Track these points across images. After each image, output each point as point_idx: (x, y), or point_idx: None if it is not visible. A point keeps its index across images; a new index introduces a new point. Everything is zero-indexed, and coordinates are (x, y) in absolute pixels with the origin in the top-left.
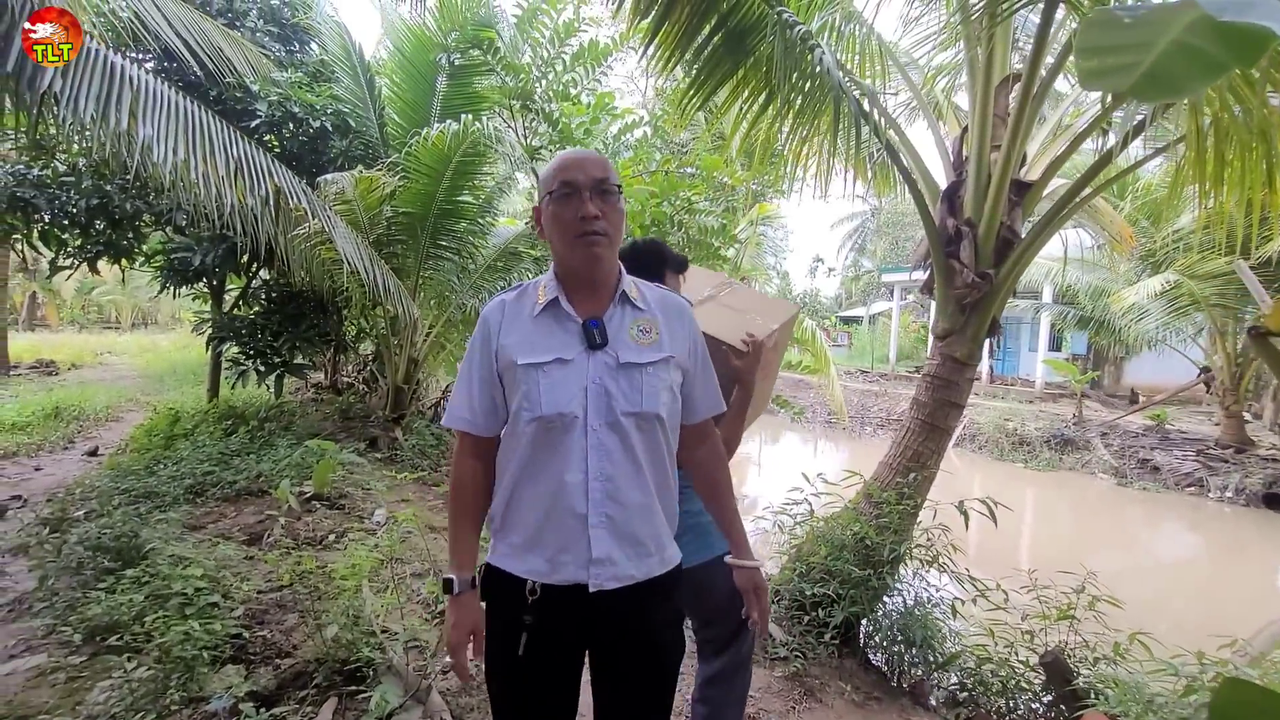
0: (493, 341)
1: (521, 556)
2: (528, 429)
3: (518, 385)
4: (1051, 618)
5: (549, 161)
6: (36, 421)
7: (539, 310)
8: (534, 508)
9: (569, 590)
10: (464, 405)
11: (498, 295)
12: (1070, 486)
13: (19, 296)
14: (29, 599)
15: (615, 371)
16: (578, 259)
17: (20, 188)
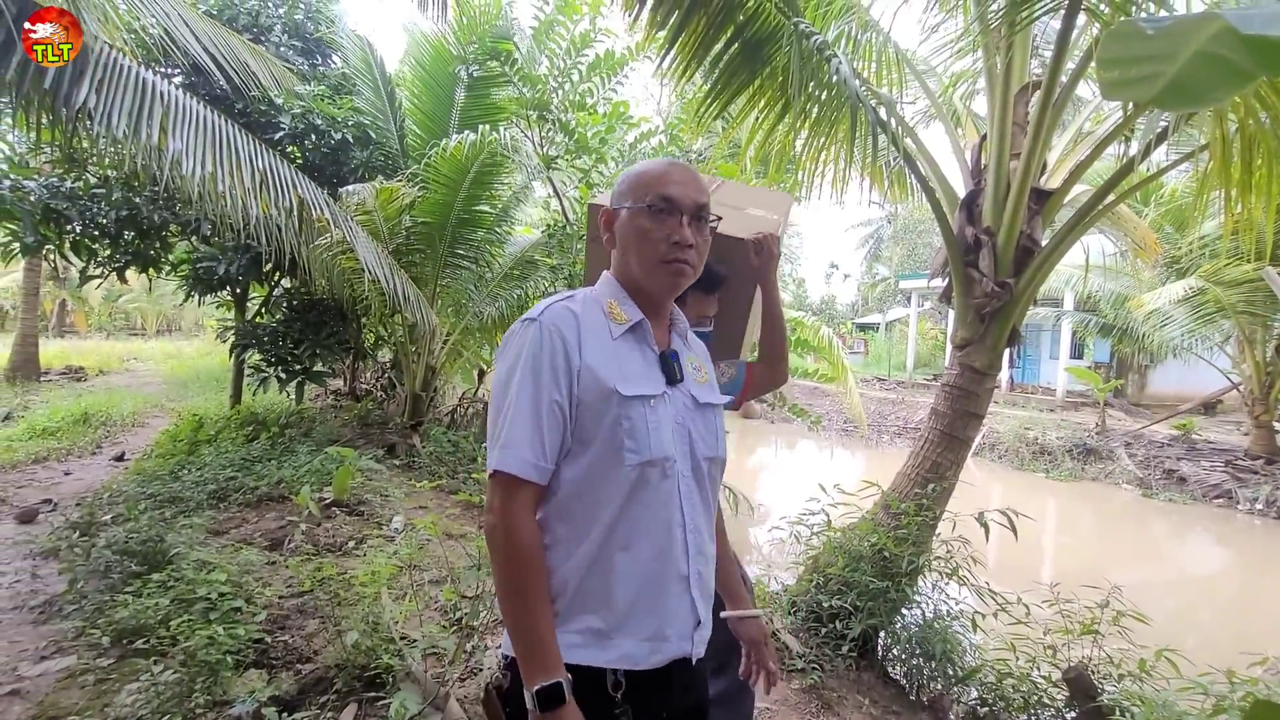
0: (574, 360)
1: (603, 644)
2: (629, 474)
3: (614, 420)
4: (1075, 632)
5: (640, 164)
6: (66, 427)
7: (621, 332)
8: (631, 575)
9: (664, 672)
10: (531, 443)
11: (553, 301)
12: (1093, 497)
13: (49, 304)
14: (59, 601)
15: (694, 412)
16: (656, 284)
17: (54, 200)
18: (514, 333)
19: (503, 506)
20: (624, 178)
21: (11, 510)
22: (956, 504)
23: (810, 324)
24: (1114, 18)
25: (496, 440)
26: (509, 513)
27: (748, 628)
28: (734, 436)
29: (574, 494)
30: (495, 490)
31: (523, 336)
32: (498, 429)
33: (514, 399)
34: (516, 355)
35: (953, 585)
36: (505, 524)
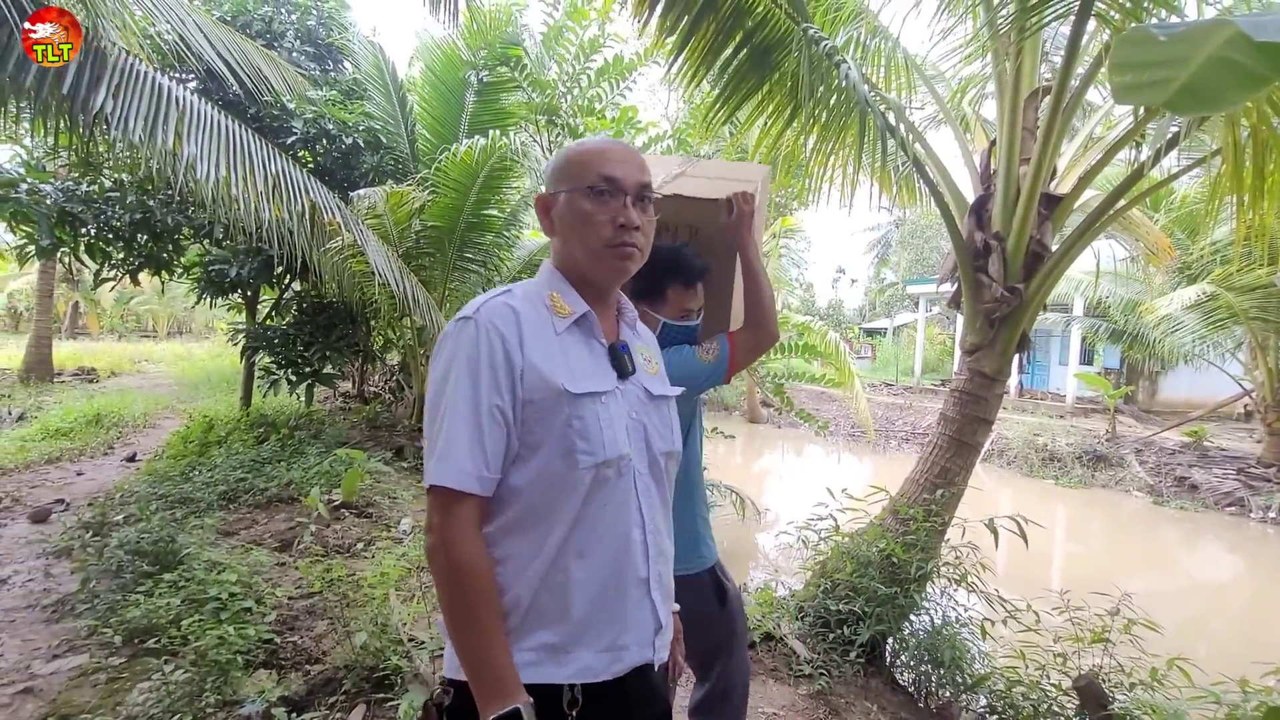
0: (515, 359)
1: (560, 659)
2: (583, 477)
3: (564, 420)
4: (1085, 640)
5: (574, 143)
6: (79, 427)
7: (565, 326)
8: (588, 584)
9: (624, 681)
10: (470, 452)
11: (490, 297)
12: (1103, 504)
13: (62, 306)
14: (72, 600)
15: (648, 405)
16: (602, 271)
17: (70, 203)
18: (448, 333)
19: (443, 523)
20: (559, 159)
21: (25, 510)
22: (965, 510)
23: (817, 329)
24: (1125, 23)
25: (433, 451)
26: (449, 529)
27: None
28: (740, 441)
29: (526, 504)
30: (434, 506)
31: (458, 337)
32: (434, 439)
33: (451, 405)
34: (451, 357)
35: (961, 592)
36: (445, 541)
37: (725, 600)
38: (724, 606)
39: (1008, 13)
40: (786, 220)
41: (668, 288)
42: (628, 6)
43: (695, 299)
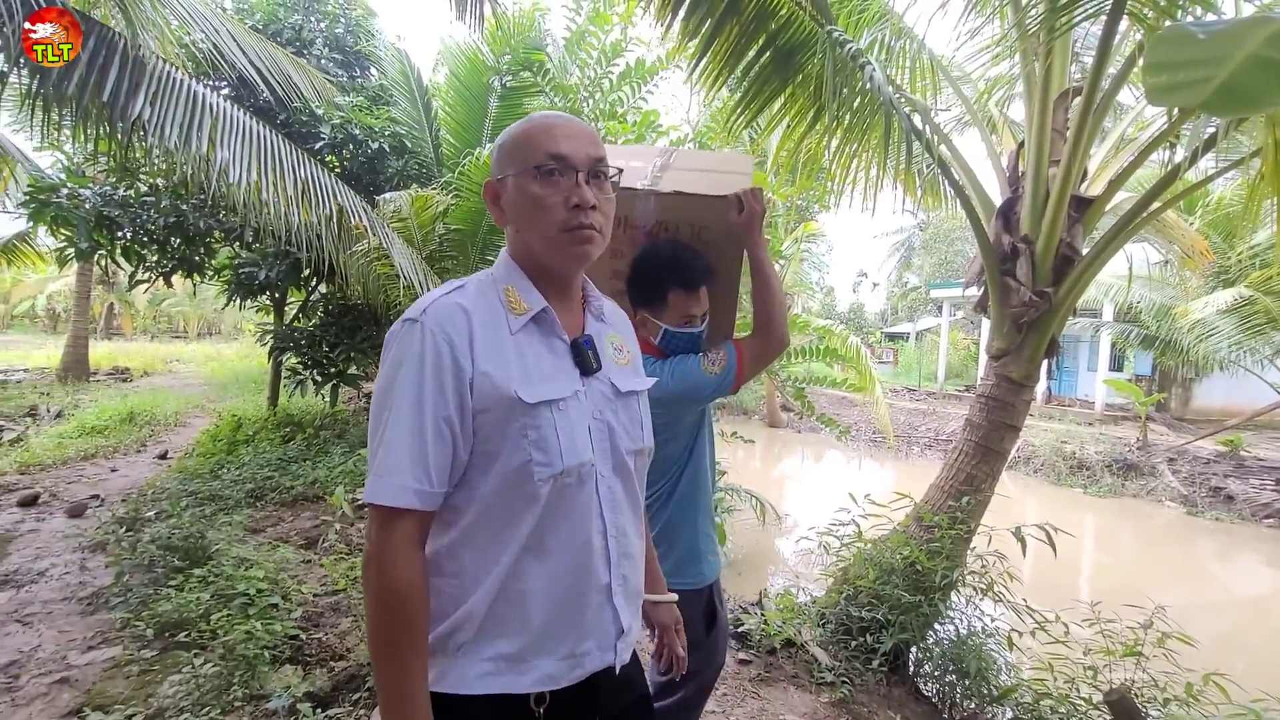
0: (464, 366)
1: (520, 667)
2: (540, 489)
3: (517, 431)
4: (1117, 653)
5: (518, 123)
6: (113, 425)
7: (521, 325)
8: (547, 594)
9: (586, 684)
10: (412, 467)
11: (439, 295)
12: (1134, 515)
13: (98, 307)
14: (106, 593)
15: (615, 402)
16: (560, 258)
17: (107, 207)
18: (394, 335)
19: (380, 540)
20: (503, 140)
21: (63, 505)
22: (991, 518)
23: (838, 332)
24: (1159, 22)
25: (372, 465)
26: (386, 546)
27: (659, 613)
28: (759, 445)
29: (480, 515)
30: (373, 522)
31: (403, 341)
32: (372, 451)
33: (393, 416)
34: (396, 364)
35: (987, 601)
36: (380, 559)
37: (713, 627)
38: (710, 634)
39: (1037, 13)
40: (809, 225)
41: (669, 292)
42: (650, 11)
43: (699, 304)
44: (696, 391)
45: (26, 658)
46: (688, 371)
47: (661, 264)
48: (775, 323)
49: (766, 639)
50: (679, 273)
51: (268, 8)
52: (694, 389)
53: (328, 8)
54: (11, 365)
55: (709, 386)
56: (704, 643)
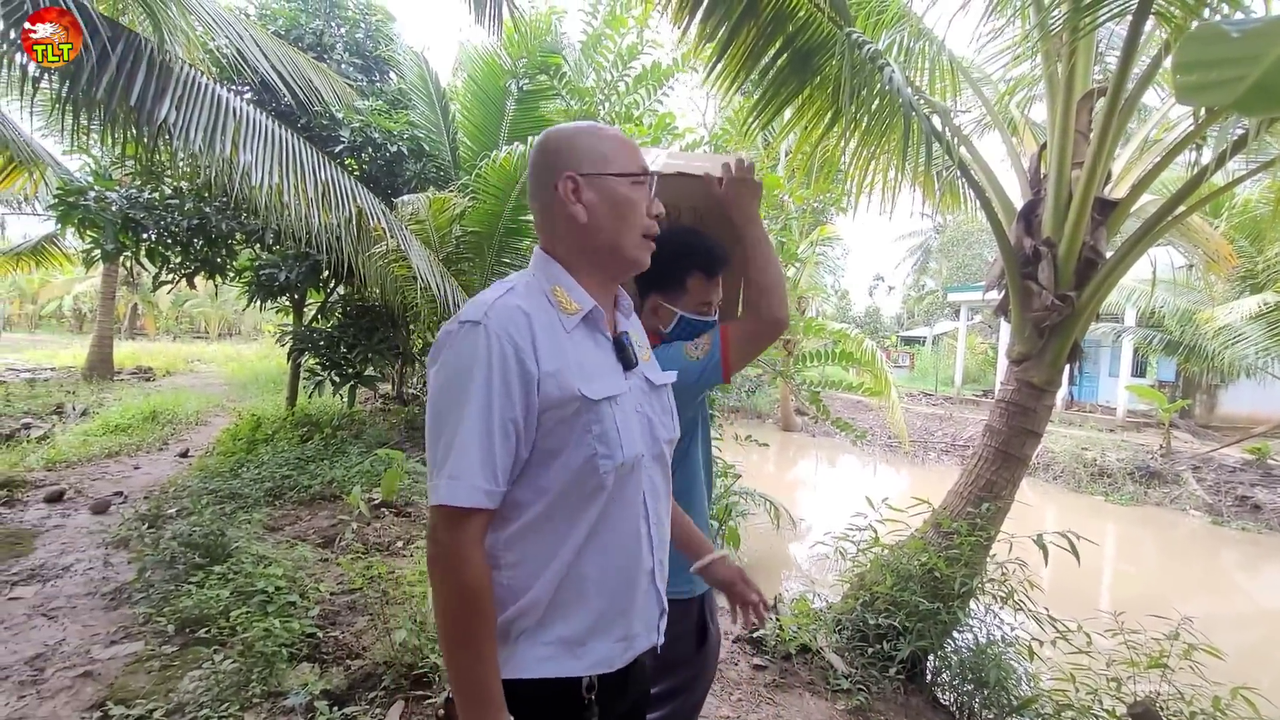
0: (530, 369)
1: (577, 651)
2: (604, 480)
3: (582, 427)
4: (1141, 665)
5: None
6: (136, 424)
7: (575, 324)
8: (605, 580)
9: (631, 666)
10: (483, 469)
11: (497, 297)
12: (1157, 523)
13: (122, 308)
14: (128, 589)
15: (650, 395)
16: (635, 260)
17: (133, 209)
18: (452, 336)
19: (452, 540)
20: (591, 140)
21: (87, 501)
22: (1011, 525)
23: (854, 336)
24: (1186, 21)
25: (442, 468)
26: (459, 545)
27: (718, 571)
28: (774, 449)
29: (544, 507)
30: (442, 522)
31: (467, 345)
32: (442, 453)
33: (461, 418)
34: (460, 366)
35: (1007, 610)
36: (453, 559)
37: (704, 643)
38: (700, 650)
39: (1060, 13)
40: (824, 229)
41: (688, 277)
42: (667, 14)
43: (716, 290)
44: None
45: (52, 651)
46: (672, 359)
47: (682, 247)
48: (768, 300)
49: (781, 645)
50: (700, 256)
51: (290, 13)
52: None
53: (348, 13)
54: (39, 364)
55: (693, 373)
56: (692, 660)
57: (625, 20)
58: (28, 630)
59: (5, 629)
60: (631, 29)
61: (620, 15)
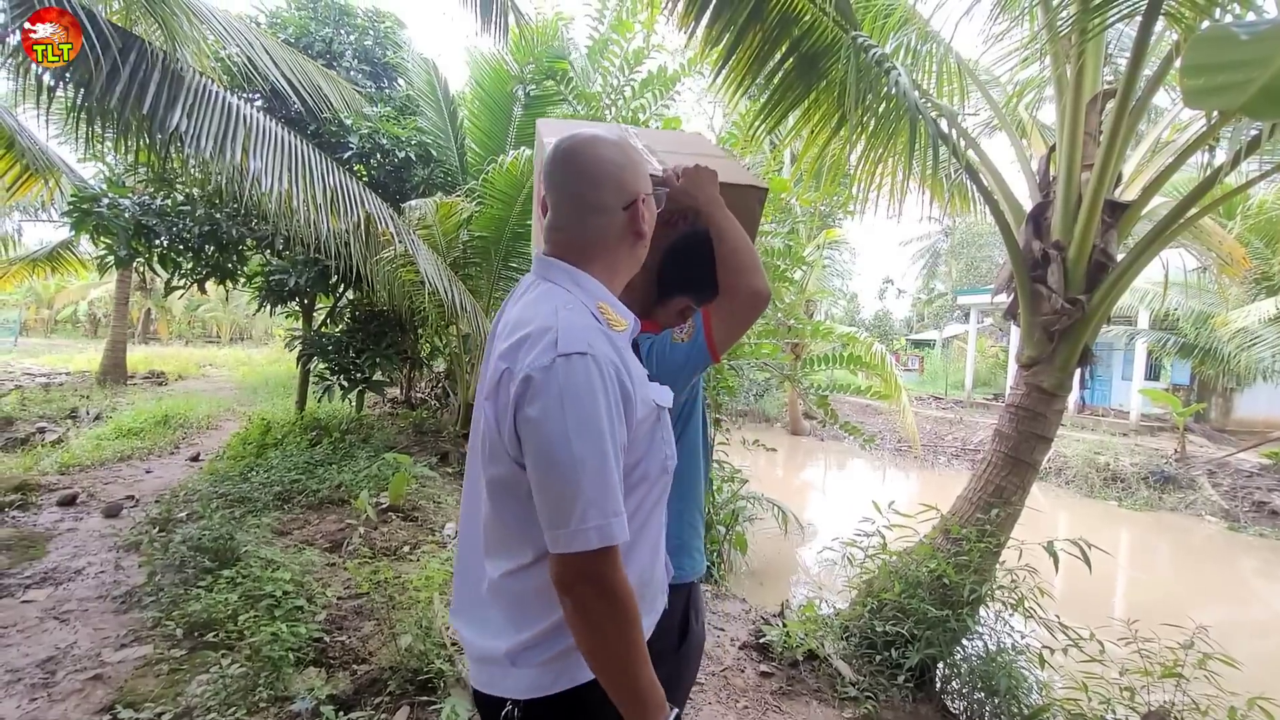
0: (631, 393)
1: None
2: (667, 480)
3: (658, 434)
4: (1155, 674)
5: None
6: (148, 428)
7: (627, 340)
8: (657, 565)
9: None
10: (617, 501)
11: (587, 325)
12: (1172, 529)
13: (136, 313)
14: (139, 592)
15: None
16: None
17: (145, 216)
18: (556, 372)
19: (615, 573)
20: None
21: (99, 505)
22: (1021, 531)
23: (863, 339)
24: (1197, 21)
25: (592, 510)
26: (620, 577)
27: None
28: (782, 453)
29: (629, 514)
30: (599, 564)
31: (582, 377)
32: (587, 495)
33: (598, 455)
34: (582, 401)
35: (1017, 617)
36: (621, 592)
37: (685, 639)
38: (681, 645)
39: (1069, 14)
40: (831, 232)
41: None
42: (673, 19)
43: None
44: (668, 363)
45: (63, 654)
46: (661, 345)
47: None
48: (744, 278)
49: (788, 651)
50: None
51: (300, 21)
52: (669, 362)
53: (357, 20)
54: (55, 369)
55: (679, 356)
56: (673, 656)
57: (631, 25)
58: (40, 633)
59: (18, 632)
60: (638, 33)
61: (626, 20)
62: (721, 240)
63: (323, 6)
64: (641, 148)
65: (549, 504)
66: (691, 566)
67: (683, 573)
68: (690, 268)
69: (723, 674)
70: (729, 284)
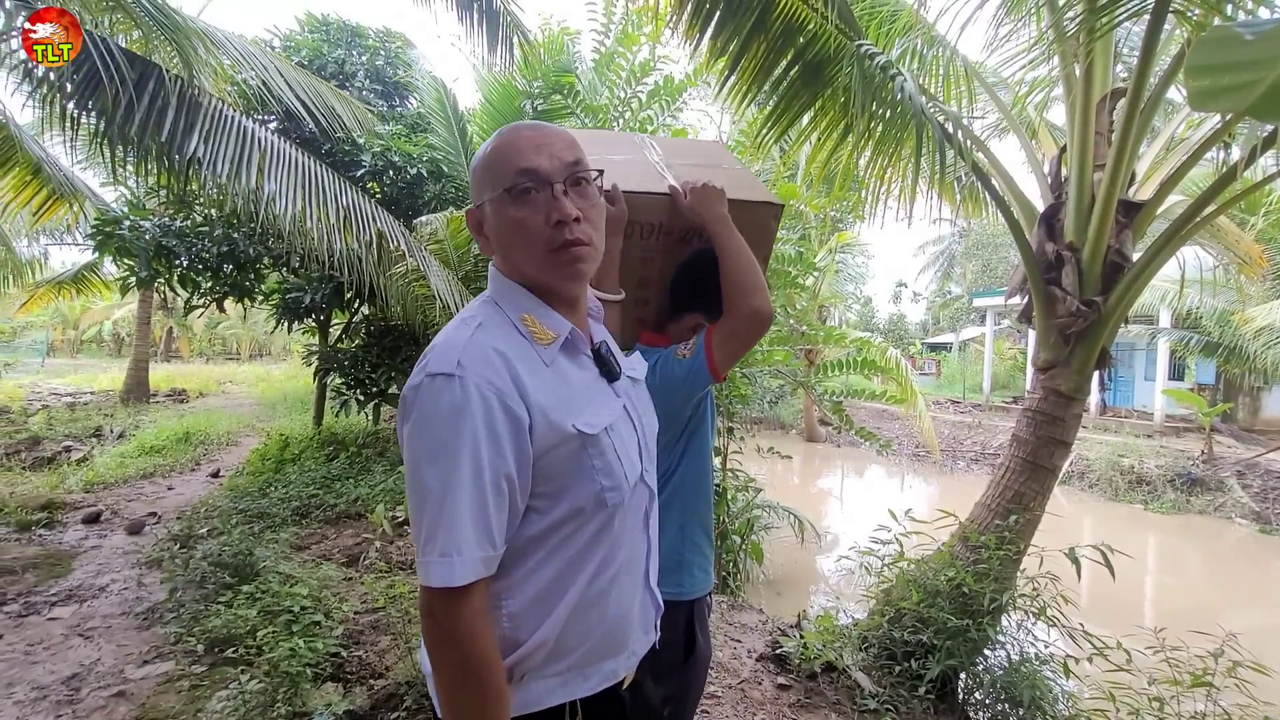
0: (519, 414)
1: (585, 673)
2: (614, 514)
3: (585, 464)
4: (1184, 683)
5: (486, 144)
6: (170, 445)
7: (554, 355)
8: (613, 604)
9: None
10: (479, 538)
11: (466, 339)
12: (1201, 532)
13: (158, 332)
14: (160, 609)
15: (633, 392)
16: (555, 280)
17: (165, 238)
18: (422, 392)
19: (452, 620)
20: (476, 164)
21: (123, 522)
22: (1044, 537)
23: (877, 344)
24: (1207, 19)
25: (432, 544)
26: (461, 624)
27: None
28: (798, 461)
29: (549, 555)
30: (438, 603)
31: (444, 400)
32: (429, 527)
33: (449, 486)
34: (438, 426)
35: (1040, 626)
36: (457, 639)
37: (692, 653)
38: (687, 660)
39: (1075, 14)
40: (842, 235)
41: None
42: (678, 31)
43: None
44: (671, 379)
45: (87, 671)
46: (666, 359)
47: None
48: (746, 297)
49: (806, 662)
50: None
51: (313, 44)
52: (670, 378)
53: (369, 41)
54: (80, 388)
55: (680, 372)
56: (679, 669)
57: (637, 38)
58: (65, 650)
59: (44, 649)
60: (643, 46)
61: (632, 33)
62: (725, 258)
63: (335, 29)
64: (655, 161)
65: (413, 531)
66: (692, 584)
67: (682, 590)
68: (701, 285)
69: (740, 686)
70: (731, 302)
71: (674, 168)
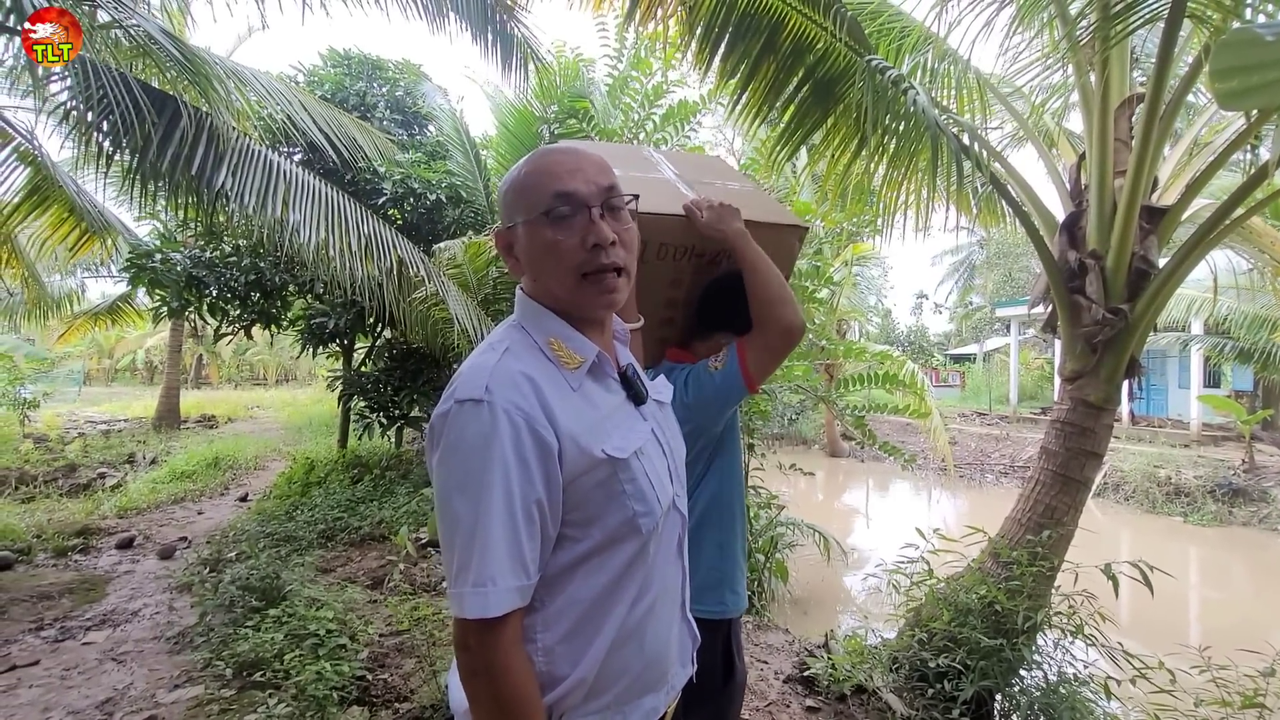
0: (548, 440)
1: (624, 709)
2: (649, 539)
3: (617, 490)
4: (1234, 705)
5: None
6: (200, 470)
7: (581, 380)
8: (649, 636)
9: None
10: (513, 568)
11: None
12: (1246, 545)
13: (189, 359)
14: (191, 633)
15: (661, 416)
16: (587, 304)
17: (195, 268)
18: (450, 418)
19: (488, 652)
20: (507, 187)
21: (154, 547)
22: (1078, 553)
23: (896, 358)
24: (1224, 22)
25: (465, 574)
26: (498, 656)
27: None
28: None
29: (583, 584)
30: (474, 636)
31: (473, 427)
32: (462, 557)
33: (480, 514)
34: (468, 454)
35: (1079, 645)
36: (491, 672)
37: (730, 677)
38: (727, 684)
39: (1088, 22)
40: (858, 247)
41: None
42: (689, 55)
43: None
44: (704, 391)
45: (120, 695)
46: (698, 375)
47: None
48: (775, 312)
49: (835, 684)
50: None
51: (335, 78)
52: (702, 392)
53: (388, 73)
54: (114, 416)
55: (715, 383)
56: (719, 694)
57: (650, 64)
58: (99, 674)
59: (80, 674)
60: (656, 70)
61: (645, 59)
62: (750, 273)
63: (356, 63)
64: (671, 178)
65: (444, 559)
66: (735, 603)
67: (724, 608)
68: (730, 303)
69: (767, 709)
70: (760, 316)
71: (693, 184)
